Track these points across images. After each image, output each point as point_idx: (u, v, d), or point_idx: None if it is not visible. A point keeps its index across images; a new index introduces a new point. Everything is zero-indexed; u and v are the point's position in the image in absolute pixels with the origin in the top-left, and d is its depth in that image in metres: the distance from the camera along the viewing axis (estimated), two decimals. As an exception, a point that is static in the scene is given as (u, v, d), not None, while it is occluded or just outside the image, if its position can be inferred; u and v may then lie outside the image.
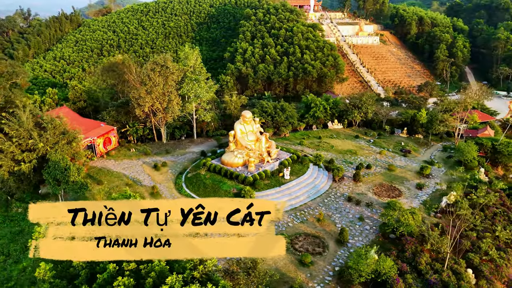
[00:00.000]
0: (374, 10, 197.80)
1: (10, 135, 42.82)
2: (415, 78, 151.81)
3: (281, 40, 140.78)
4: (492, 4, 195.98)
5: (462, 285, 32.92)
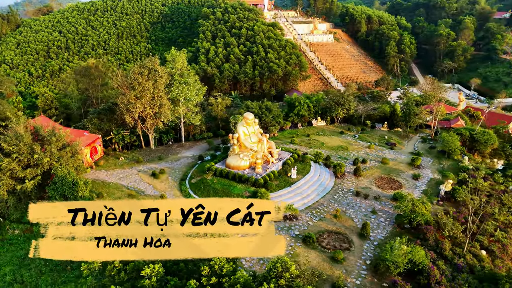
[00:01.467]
0: (324, 8, 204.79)
1: (7, 151, 38.93)
2: (369, 74, 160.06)
3: (243, 39, 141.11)
4: (430, 3, 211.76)
5: (486, 267, 36.07)
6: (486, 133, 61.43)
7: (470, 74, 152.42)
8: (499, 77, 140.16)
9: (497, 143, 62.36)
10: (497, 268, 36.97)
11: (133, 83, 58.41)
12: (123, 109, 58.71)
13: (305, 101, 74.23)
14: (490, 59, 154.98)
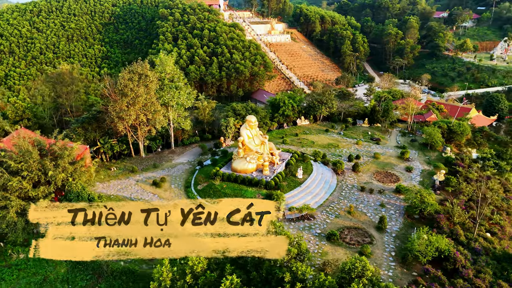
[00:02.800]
0: (278, 9, 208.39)
1: (14, 169, 35.54)
2: (327, 72, 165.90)
3: (206, 40, 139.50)
4: (375, 4, 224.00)
5: (497, 249, 39.62)
6: (462, 125, 66.98)
7: (418, 70, 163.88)
8: (446, 72, 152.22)
9: (470, 134, 68.30)
10: (505, 248, 40.72)
11: (123, 89, 55.69)
12: (115, 117, 55.80)
13: (289, 102, 75.50)
14: (435, 55, 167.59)
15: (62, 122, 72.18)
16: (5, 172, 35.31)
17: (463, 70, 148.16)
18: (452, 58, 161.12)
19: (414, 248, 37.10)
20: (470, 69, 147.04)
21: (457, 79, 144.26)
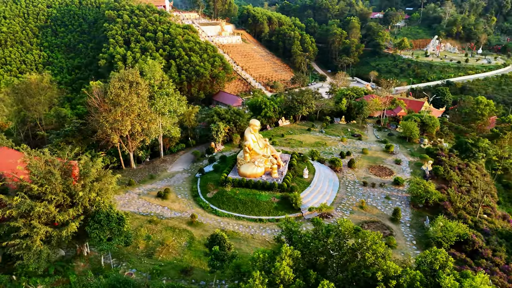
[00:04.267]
0: (223, 10, 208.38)
1: (36, 192, 32.05)
2: (280, 73, 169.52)
3: (161, 43, 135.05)
4: (316, 5, 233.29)
5: (499, 228, 44.22)
6: (432, 118, 73.10)
7: (363, 67, 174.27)
8: (389, 68, 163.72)
9: (439, 125, 74.84)
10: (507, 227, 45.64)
11: (114, 99, 52.40)
12: (108, 129, 52.30)
13: (270, 103, 76.37)
14: (377, 53, 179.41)
15: (30, 137, 66.05)
16: (27, 197, 31.67)
17: (404, 67, 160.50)
18: (392, 56, 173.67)
19: (436, 235, 40.13)
20: (410, 66, 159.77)
21: (401, 75, 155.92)
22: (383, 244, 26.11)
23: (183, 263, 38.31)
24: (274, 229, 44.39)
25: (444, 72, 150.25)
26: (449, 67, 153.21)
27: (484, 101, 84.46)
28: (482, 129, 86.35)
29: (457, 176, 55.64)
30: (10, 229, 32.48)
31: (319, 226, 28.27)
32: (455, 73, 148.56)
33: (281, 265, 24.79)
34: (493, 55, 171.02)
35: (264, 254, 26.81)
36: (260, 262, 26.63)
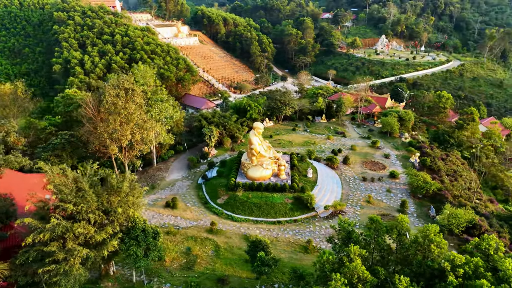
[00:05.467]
0: (176, 11, 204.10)
1: (70, 212, 29.71)
2: (241, 73, 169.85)
3: (120, 46, 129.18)
4: (267, 6, 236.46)
5: (494, 212, 48.57)
6: (408, 113, 77.96)
7: (320, 66, 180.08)
8: (345, 67, 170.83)
9: (413, 120, 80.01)
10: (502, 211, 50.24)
11: (110, 107, 49.60)
12: (106, 139, 49.37)
13: (255, 105, 76.62)
14: (332, 53, 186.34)
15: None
16: (61, 219, 29.20)
17: (359, 65, 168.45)
18: (346, 55, 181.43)
19: (446, 223, 43.19)
20: (364, 64, 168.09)
21: (357, 73, 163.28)
22: (441, 235, 27.83)
23: (217, 273, 37.52)
24: (295, 230, 44.94)
25: (395, 69, 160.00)
26: (399, 64, 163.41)
27: (446, 95, 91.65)
28: (443, 121, 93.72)
29: (443, 166, 60.06)
30: (39, 255, 29.87)
31: (378, 224, 29.29)
32: (405, 69, 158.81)
33: (356, 265, 25.46)
34: (435, 52, 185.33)
35: (332, 256, 27.32)
36: (329, 265, 27.09)
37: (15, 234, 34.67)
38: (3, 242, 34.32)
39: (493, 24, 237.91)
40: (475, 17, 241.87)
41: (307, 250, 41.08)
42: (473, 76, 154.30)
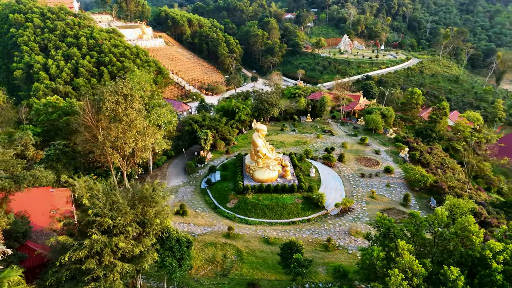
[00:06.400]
0: (137, 12, 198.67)
1: (105, 226, 28.27)
2: (211, 75, 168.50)
3: (86, 49, 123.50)
4: (230, 6, 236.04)
5: (487, 199, 52.09)
6: (389, 110, 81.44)
7: (288, 66, 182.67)
8: (313, 66, 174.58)
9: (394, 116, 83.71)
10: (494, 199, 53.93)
11: (110, 114, 47.53)
12: (108, 148, 47.20)
13: (243, 107, 76.44)
14: (298, 53, 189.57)
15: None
16: (99, 234, 27.68)
17: (326, 64, 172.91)
18: (312, 54, 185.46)
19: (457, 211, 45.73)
20: (331, 63, 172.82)
21: (324, 72, 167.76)
22: (477, 226, 29.59)
23: (245, 277, 37.25)
24: (310, 229, 45.56)
25: (361, 68, 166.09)
26: (364, 63, 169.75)
27: (418, 92, 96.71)
28: (416, 117, 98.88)
29: (431, 159, 63.49)
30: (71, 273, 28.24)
31: (418, 218, 30.53)
32: (370, 68, 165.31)
33: (410, 259, 26.43)
34: (394, 51, 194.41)
35: (382, 253, 28.13)
36: (380, 261, 27.86)
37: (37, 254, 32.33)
38: (23, 263, 31.83)
39: (442, 23, 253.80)
40: (426, 17, 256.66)
41: (328, 248, 41.80)
42: (432, 73, 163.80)
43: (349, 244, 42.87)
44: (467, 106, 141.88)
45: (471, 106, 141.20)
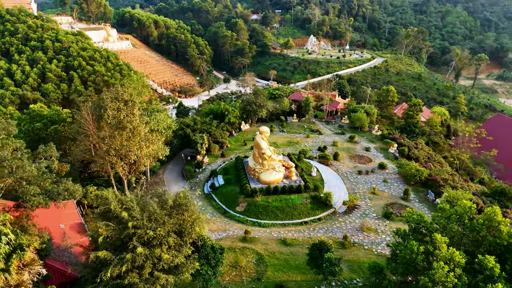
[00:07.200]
0: (99, 13, 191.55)
1: (145, 238, 27.29)
2: (182, 77, 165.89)
3: (52, 53, 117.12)
4: (194, 7, 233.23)
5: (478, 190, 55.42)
6: (372, 108, 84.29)
7: (258, 67, 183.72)
8: (284, 67, 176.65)
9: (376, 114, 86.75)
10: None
11: (112, 122, 45.71)
12: (112, 156, 45.32)
13: (232, 109, 76.03)
14: (267, 53, 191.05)
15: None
16: (140, 246, 26.64)
17: (296, 64, 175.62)
18: (281, 55, 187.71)
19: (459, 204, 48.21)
20: (300, 63, 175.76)
21: (295, 72, 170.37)
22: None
23: (272, 280, 37.25)
24: (323, 228, 46.29)
25: (330, 67, 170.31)
26: (332, 62, 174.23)
27: (393, 90, 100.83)
28: (391, 113, 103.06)
29: (419, 154, 66.57)
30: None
31: (447, 212, 31.99)
32: (339, 67, 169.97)
33: (452, 252, 27.71)
34: (359, 50, 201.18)
35: (420, 247, 29.21)
36: (420, 255, 28.86)
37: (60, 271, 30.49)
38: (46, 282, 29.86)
39: (399, 23, 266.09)
40: (384, 17, 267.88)
41: (344, 246, 42.66)
42: (397, 71, 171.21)
43: (363, 241, 44.03)
44: (432, 101, 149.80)
45: (435, 102, 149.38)
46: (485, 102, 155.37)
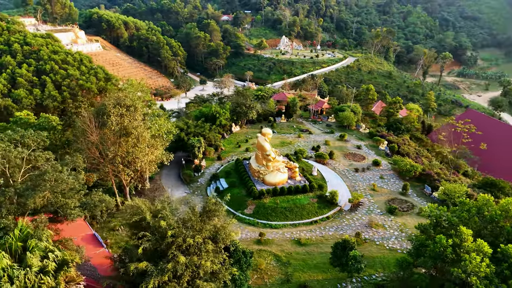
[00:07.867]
0: (64, 14, 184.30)
1: (184, 246, 26.78)
2: (156, 79, 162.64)
3: (21, 57, 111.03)
4: (164, 8, 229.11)
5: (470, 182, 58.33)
6: (357, 107, 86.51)
7: (233, 68, 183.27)
8: (259, 68, 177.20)
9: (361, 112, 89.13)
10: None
11: (115, 128, 44.29)
12: (118, 164, 43.86)
13: (223, 111, 75.51)
14: (241, 54, 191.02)
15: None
16: (181, 256, 26.05)
17: (271, 65, 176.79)
18: (255, 56, 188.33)
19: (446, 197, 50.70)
20: (275, 64, 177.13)
21: (271, 72, 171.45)
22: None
23: (295, 281, 37.51)
24: (333, 226, 47.08)
25: (305, 67, 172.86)
26: (306, 62, 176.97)
27: (372, 88, 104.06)
28: (371, 111, 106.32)
29: (409, 149, 69.19)
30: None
31: (466, 206, 33.54)
32: (313, 67, 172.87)
33: (480, 243, 29.14)
34: (330, 50, 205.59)
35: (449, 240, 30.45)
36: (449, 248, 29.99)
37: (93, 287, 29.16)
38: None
39: (365, 23, 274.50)
40: (350, 17, 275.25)
41: (358, 243, 43.55)
42: (368, 70, 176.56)
43: (373, 236, 45.23)
44: (403, 99, 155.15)
45: (406, 99, 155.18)
46: (451, 98, 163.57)
